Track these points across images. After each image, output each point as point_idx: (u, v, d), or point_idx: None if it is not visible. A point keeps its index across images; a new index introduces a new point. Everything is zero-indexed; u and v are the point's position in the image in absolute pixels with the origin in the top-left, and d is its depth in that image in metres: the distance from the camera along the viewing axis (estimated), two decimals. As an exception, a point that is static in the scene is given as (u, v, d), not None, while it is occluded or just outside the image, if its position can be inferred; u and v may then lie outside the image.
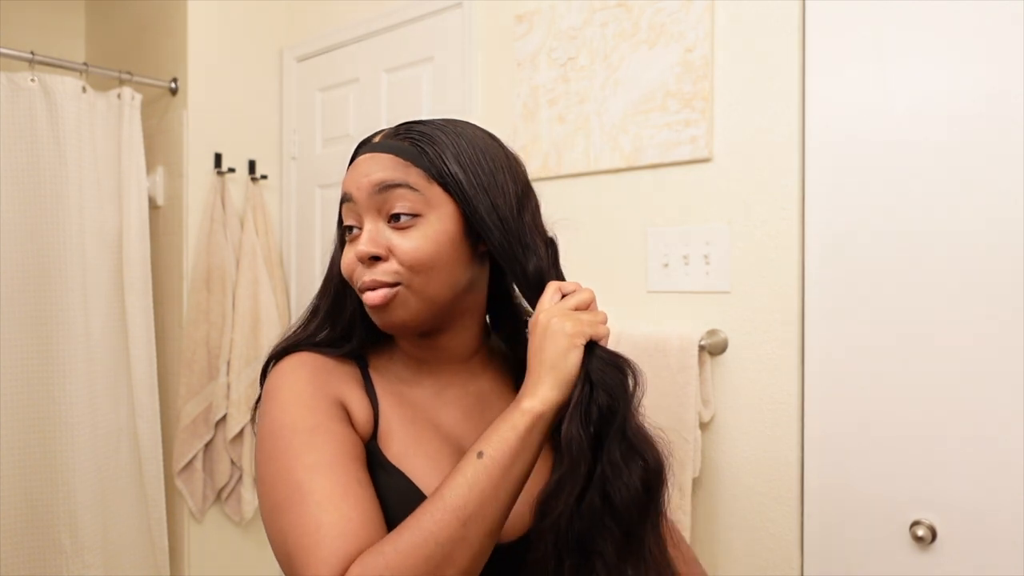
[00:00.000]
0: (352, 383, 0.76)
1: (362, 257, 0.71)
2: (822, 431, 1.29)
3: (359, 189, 0.72)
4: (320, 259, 2.24)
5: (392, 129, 0.76)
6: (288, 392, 0.71)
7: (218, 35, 2.18)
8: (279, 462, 0.66)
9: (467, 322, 0.80)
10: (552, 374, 0.67)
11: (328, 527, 0.60)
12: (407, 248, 0.70)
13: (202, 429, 2.10)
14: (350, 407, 0.73)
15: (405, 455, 0.72)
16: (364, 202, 0.72)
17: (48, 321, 1.90)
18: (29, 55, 1.88)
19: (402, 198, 0.71)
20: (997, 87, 1.13)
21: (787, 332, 1.32)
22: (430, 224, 0.71)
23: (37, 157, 1.89)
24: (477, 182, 0.72)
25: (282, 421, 0.68)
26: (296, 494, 0.63)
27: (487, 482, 0.62)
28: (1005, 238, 1.12)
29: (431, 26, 1.92)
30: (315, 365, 0.75)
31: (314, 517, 0.61)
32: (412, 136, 0.74)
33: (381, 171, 0.72)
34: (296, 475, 0.64)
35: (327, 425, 0.68)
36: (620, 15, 1.53)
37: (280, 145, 2.35)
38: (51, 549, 1.88)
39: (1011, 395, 1.12)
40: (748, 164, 1.37)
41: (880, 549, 1.24)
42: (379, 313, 0.73)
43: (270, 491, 0.66)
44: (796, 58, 1.31)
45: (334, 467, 0.65)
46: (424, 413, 0.77)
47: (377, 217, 0.72)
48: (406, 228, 0.71)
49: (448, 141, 0.73)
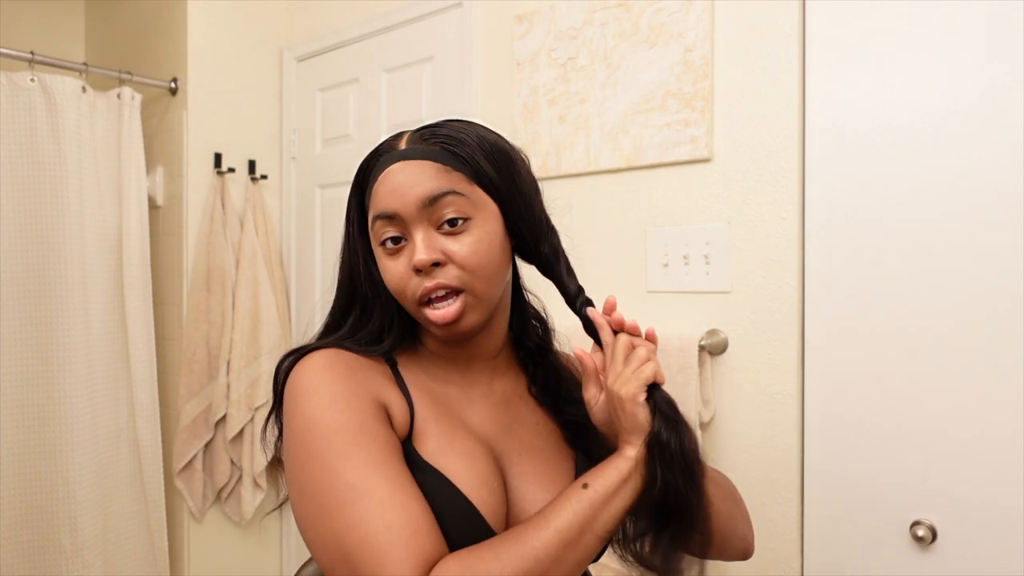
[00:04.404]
0: (387, 381, 0.75)
1: (422, 265, 0.69)
2: (822, 431, 1.29)
3: (407, 205, 0.71)
4: (320, 259, 2.24)
5: (413, 134, 0.75)
6: (325, 390, 0.68)
7: (218, 35, 2.18)
8: (322, 463, 0.64)
9: (499, 319, 0.81)
10: (636, 431, 0.70)
11: (399, 527, 0.60)
12: (465, 252, 0.71)
13: (202, 429, 2.10)
14: (389, 406, 0.72)
15: (440, 453, 0.71)
16: (412, 215, 0.71)
17: (48, 321, 1.90)
18: (29, 55, 1.88)
19: (451, 204, 0.71)
20: (996, 86, 1.13)
21: (787, 332, 1.32)
22: (479, 226, 0.72)
23: (37, 157, 1.89)
24: (507, 178, 0.74)
25: (321, 420, 0.66)
26: (350, 494, 0.62)
27: (589, 512, 0.65)
28: (1005, 238, 1.12)
29: (431, 26, 1.92)
30: (348, 362, 0.72)
31: (380, 516, 0.60)
32: (441, 140, 0.73)
33: (426, 181, 0.71)
34: (346, 476, 0.63)
35: (370, 425, 0.67)
36: (620, 15, 1.53)
37: (280, 145, 2.35)
38: (51, 548, 1.88)
39: (1011, 395, 1.11)
40: (748, 164, 1.37)
41: (880, 549, 1.24)
42: (450, 327, 0.72)
43: (313, 494, 0.64)
44: (796, 58, 1.31)
45: (388, 466, 0.64)
46: (455, 412, 0.77)
47: (428, 226, 0.71)
48: (459, 233, 0.71)
49: (474, 142, 0.74)
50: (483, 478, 0.71)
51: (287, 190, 2.33)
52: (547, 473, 0.77)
